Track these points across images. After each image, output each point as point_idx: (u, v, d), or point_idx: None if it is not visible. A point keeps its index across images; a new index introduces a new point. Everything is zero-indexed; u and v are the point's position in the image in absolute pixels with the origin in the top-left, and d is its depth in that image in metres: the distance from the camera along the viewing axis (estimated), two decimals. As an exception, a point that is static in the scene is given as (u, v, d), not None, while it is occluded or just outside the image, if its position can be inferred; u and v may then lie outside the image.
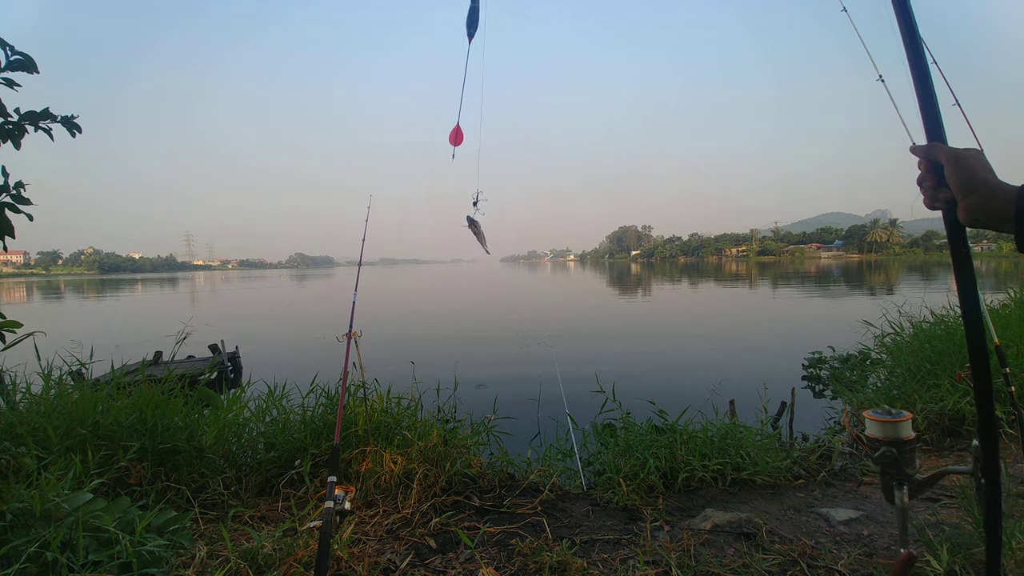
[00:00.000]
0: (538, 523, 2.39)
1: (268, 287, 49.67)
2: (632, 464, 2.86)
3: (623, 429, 3.32)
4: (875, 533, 2.25)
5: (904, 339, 4.78)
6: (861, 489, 2.82)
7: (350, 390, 2.92)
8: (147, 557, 1.80)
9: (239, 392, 3.36)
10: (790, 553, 2.05)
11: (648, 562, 2.03)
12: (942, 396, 3.65)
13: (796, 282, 34.53)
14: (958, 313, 4.98)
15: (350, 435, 2.83)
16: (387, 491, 2.60)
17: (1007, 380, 2.16)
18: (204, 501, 2.48)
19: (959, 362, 3.78)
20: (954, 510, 2.38)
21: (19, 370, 2.94)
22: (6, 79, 1.87)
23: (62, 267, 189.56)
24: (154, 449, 2.54)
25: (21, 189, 1.95)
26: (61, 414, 2.56)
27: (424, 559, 2.09)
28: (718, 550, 2.12)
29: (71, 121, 2.04)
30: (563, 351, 9.80)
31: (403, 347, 10.75)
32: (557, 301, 23.78)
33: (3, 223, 1.93)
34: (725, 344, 11.33)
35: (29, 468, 2.05)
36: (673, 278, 44.99)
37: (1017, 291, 5.40)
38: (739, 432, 3.12)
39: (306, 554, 1.93)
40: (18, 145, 1.97)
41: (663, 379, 7.86)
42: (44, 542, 1.66)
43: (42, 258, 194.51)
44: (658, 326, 14.82)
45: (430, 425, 3.06)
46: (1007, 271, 32.68)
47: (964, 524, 2.06)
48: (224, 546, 1.96)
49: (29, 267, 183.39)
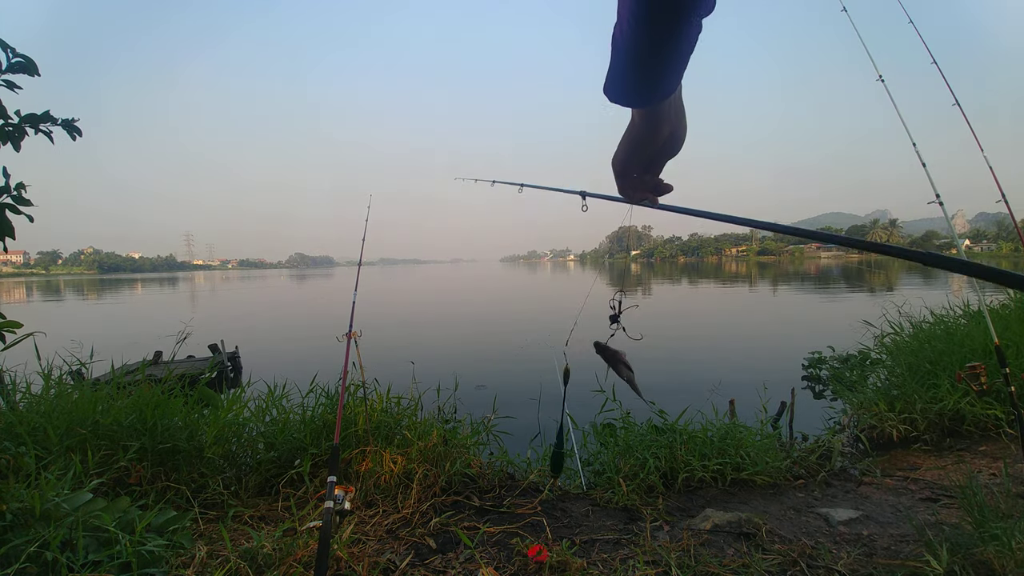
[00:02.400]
0: (538, 523, 2.39)
1: (268, 288, 49.66)
2: (632, 464, 2.86)
3: (623, 429, 3.32)
4: (875, 533, 2.25)
5: (904, 339, 4.78)
6: (861, 489, 2.82)
7: (350, 390, 2.93)
8: (147, 557, 1.80)
9: (239, 392, 3.36)
10: (790, 553, 2.05)
11: (648, 562, 2.03)
12: (942, 396, 3.65)
13: (796, 282, 34.52)
14: (958, 313, 4.99)
15: (350, 435, 2.83)
16: (387, 491, 2.60)
17: (1007, 380, 2.16)
18: (204, 501, 2.48)
19: (959, 362, 3.78)
20: (954, 510, 2.38)
21: (19, 370, 2.94)
22: (7, 81, 1.88)
23: (62, 267, 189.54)
24: (154, 449, 2.54)
25: (22, 190, 1.96)
26: (61, 414, 2.56)
27: (424, 559, 2.09)
28: (718, 550, 2.12)
29: (71, 124, 2.04)
30: (562, 351, 9.72)
31: (403, 347, 10.75)
32: (556, 301, 23.78)
33: (3, 224, 1.93)
34: (725, 344, 11.33)
35: (29, 468, 2.05)
36: (673, 278, 44.98)
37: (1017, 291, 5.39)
38: (739, 432, 3.12)
39: (306, 554, 1.93)
40: (18, 147, 1.97)
41: (663, 379, 7.85)
42: (44, 542, 1.66)
43: (42, 258, 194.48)
44: (658, 326, 14.82)
45: (430, 425, 3.06)
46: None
47: (964, 524, 2.06)
48: (224, 546, 1.96)
49: (29, 267, 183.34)
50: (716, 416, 3.33)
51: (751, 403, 3.81)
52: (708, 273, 55.31)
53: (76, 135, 2.07)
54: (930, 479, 2.88)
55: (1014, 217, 3.03)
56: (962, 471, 2.77)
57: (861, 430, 3.76)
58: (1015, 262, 38.72)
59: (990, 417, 3.47)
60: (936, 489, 2.71)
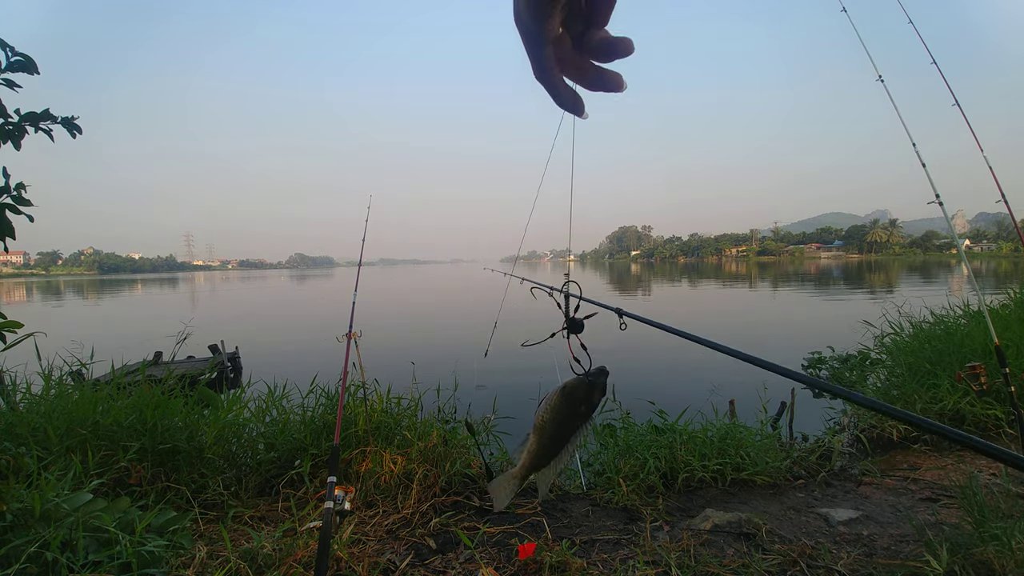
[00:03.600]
0: (538, 523, 2.39)
1: (268, 288, 49.64)
2: (632, 464, 2.86)
3: (623, 429, 3.32)
4: (875, 533, 2.25)
5: (904, 339, 4.78)
6: (861, 489, 2.82)
7: (350, 390, 2.93)
8: (147, 557, 1.80)
9: (239, 392, 3.36)
10: (790, 553, 2.05)
11: (648, 562, 2.03)
12: (942, 396, 3.65)
13: (796, 282, 34.52)
14: (958, 314, 4.99)
15: (350, 435, 2.83)
16: (387, 491, 2.60)
17: (1007, 380, 2.16)
18: (204, 501, 2.48)
19: (959, 362, 3.78)
20: (954, 510, 2.38)
21: (19, 370, 2.94)
22: (6, 80, 1.87)
23: (62, 267, 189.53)
24: (154, 449, 2.54)
25: (22, 191, 1.95)
26: (61, 414, 2.56)
27: (424, 559, 2.09)
28: (718, 550, 2.12)
29: (71, 122, 2.04)
30: (563, 351, 9.72)
31: (403, 347, 10.75)
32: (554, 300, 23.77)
33: (4, 224, 1.93)
34: (725, 344, 11.33)
35: (29, 468, 2.05)
36: (673, 278, 44.97)
37: (1017, 291, 5.39)
38: (739, 432, 3.12)
39: (306, 554, 1.93)
40: (18, 146, 1.97)
41: (663, 379, 7.85)
42: (44, 542, 1.66)
43: (42, 258, 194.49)
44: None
45: (430, 425, 3.06)
46: (1007, 271, 32.67)
47: (964, 524, 2.06)
48: (224, 546, 1.96)
49: (29, 267, 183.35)
50: (716, 416, 3.34)
51: (751, 403, 3.81)
52: (708, 273, 55.33)
53: (76, 133, 2.07)
54: (930, 479, 2.88)
55: (1014, 217, 3.03)
56: (962, 471, 2.77)
57: (861, 430, 3.76)
58: (1015, 262, 38.68)
59: (990, 417, 3.47)
60: (936, 489, 2.71)
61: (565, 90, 0.38)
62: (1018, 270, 27.32)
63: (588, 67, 0.37)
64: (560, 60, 0.36)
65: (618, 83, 0.38)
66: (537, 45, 0.35)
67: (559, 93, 0.38)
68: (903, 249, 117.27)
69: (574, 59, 0.37)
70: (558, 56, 0.36)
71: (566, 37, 0.36)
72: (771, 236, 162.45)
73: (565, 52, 0.36)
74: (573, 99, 0.38)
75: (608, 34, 0.35)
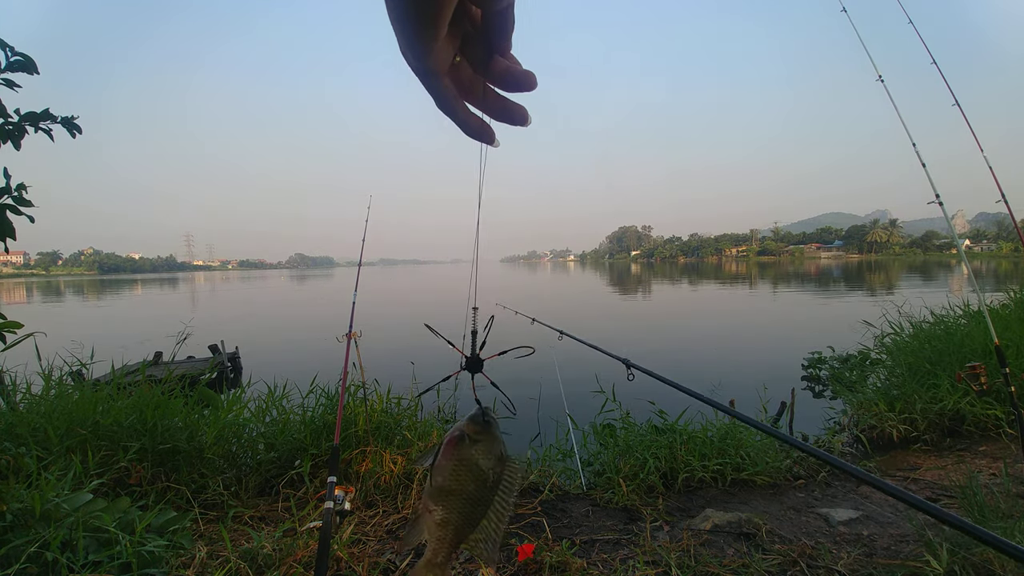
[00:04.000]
0: (538, 523, 2.39)
1: (268, 288, 49.65)
2: (632, 464, 2.86)
3: (623, 429, 3.32)
4: (875, 533, 2.25)
5: (904, 339, 4.78)
6: (861, 489, 2.82)
7: (350, 390, 2.93)
8: (147, 557, 1.80)
9: (239, 392, 3.36)
10: (790, 553, 2.05)
11: (648, 562, 2.03)
12: (942, 396, 3.65)
13: (796, 282, 34.51)
14: (958, 314, 4.99)
15: (350, 435, 2.83)
16: (387, 491, 2.60)
17: (1007, 380, 2.16)
18: (204, 501, 2.48)
19: (959, 362, 3.78)
20: (954, 510, 2.38)
21: (19, 370, 2.94)
22: (6, 80, 1.87)
23: (62, 267, 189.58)
24: (154, 449, 2.54)
25: (23, 191, 1.95)
26: (61, 414, 2.56)
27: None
28: (718, 550, 2.12)
29: (71, 122, 2.04)
30: (563, 351, 9.75)
31: (403, 347, 10.74)
32: (557, 302, 23.78)
33: (4, 225, 1.93)
34: (725, 344, 11.32)
35: (29, 468, 2.05)
36: (673, 278, 44.98)
37: (1017, 291, 5.40)
38: (739, 432, 3.12)
39: (306, 554, 1.93)
40: (18, 146, 1.97)
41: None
42: (44, 542, 1.66)
43: (42, 259, 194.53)
44: (658, 326, 14.82)
45: (430, 425, 3.06)
46: (1007, 271, 32.69)
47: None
48: (224, 546, 1.96)
49: (29, 267, 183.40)
50: (716, 416, 3.33)
51: (751, 403, 3.81)
52: (708, 273, 55.32)
53: (76, 133, 2.07)
54: (930, 479, 2.88)
55: (1014, 217, 3.03)
56: (962, 471, 2.77)
57: (861, 430, 3.76)
58: (1015, 262, 38.66)
59: (990, 417, 3.47)
60: (936, 489, 2.71)
61: (471, 118, 0.36)
62: (1018, 270, 27.33)
63: (492, 95, 0.36)
64: (461, 88, 0.35)
65: (523, 116, 0.37)
66: (427, 78, 0.33)
67: (464, 122, 0.36)
68: (903, 249, 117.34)
69: (477, 85, 0.35)
70: (458, 85, 0.35)
71: (464, 65, 0.35)
72: (771, 236, 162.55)
73: (466, 79, 0.35)
74: (481, 128, 0.37)
75: (513, 65, 0.34)
